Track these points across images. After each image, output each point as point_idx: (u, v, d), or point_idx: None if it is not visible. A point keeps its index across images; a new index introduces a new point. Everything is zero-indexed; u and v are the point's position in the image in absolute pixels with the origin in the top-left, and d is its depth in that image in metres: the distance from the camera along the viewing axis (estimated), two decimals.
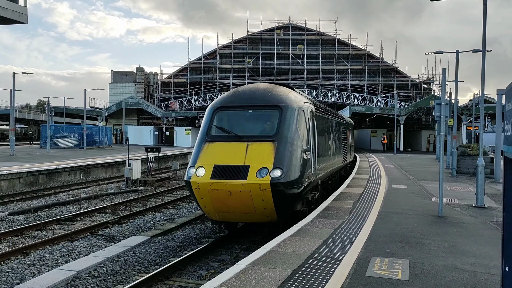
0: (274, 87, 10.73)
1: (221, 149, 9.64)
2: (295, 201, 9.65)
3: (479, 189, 11.81)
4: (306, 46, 65.39)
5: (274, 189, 8.88)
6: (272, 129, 9.79)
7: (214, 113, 10.38)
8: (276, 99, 10.09)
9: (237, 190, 8.99)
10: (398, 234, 8.10)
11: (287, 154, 9.31)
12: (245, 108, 10.22)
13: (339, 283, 5.37)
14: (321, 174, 12.16)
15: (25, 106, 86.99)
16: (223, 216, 9.71)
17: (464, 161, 22.12)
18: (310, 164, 10.29)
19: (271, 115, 9.98)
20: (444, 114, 10.42)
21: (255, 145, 9.44)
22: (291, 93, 10.67)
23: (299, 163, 9.51)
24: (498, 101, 19.08)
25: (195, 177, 9.40)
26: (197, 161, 9.62)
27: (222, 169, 9.24)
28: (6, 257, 9.58)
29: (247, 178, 8.93)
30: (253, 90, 10.56)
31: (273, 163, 9.06)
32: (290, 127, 9.68)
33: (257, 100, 10.21)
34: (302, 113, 10.29)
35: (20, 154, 31.52)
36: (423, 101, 49.26)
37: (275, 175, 8.93)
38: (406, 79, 64.94)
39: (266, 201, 9.04)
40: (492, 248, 7.29)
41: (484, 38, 13.13)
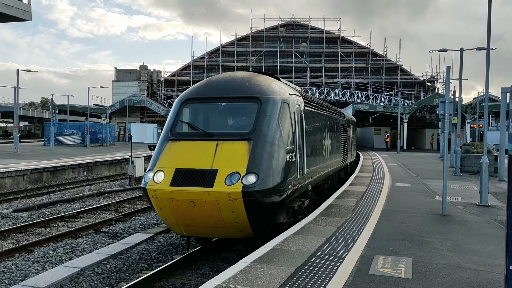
0: (254, 75, 9.25)
1: (186, 149, 8.23)
2: (275, 212, 8.20)
3: (483, 188, 11.77)
4: (310, 44, 65.28)
5: (246, 198, 7.43)
6: (248, 126, 8.32)
7: (182, 106, 8.94)
8: (255, 90, 8.61)
9: (202, 200, 7.57)
10: (402, 233, 8.09)
11: (265, 155, 7.86)
12: (218, 100, 8.78)
13: (342, 281, 5.36)
14: (312, 178, 10.72)
15: (29, 104, 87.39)
16: (189, 230, 8.28)
17: (468, 159, 22.05)
18: (295, 168, 8.81)
19: (248, 108, 8.53)
20: (448, 112, 10.38)
21: (226, 144, 8.01)
22: (274, 83, 9.18)
23: (280, 167, 8.05)
24: (502, 99, 19.02)
25: (152, 183, 7.97)
26: (156, 164, 8.20)
27: (184, 174, 7.81)
28: (10, 254, 9.63)
29: (214, 185, 7.51)
30: (228, 80, 9.05)
31: (246, 166, 7.63)
32: (270, 123, 8.24)
33: (232, 90, 8.70)
34: (287, 106, 8.83)
35: (24, 152, 31.64)
36: (426, 99, 49.13)
37: (249, 182, 7.49)
38: (409, 77, 64.75)
39: (237, 213, 7.60)
40: (496, 247, 7.26)
41: (489, 36, 13.06)
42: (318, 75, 65.16)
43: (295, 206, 9.29)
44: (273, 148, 8.05)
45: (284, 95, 8.94)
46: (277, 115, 8.39)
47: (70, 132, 44.72)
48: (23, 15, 17.45)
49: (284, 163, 8.20)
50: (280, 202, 8.13)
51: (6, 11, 16.36)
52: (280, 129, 8.37)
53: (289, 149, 8.51)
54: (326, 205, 10.79)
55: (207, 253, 9.37)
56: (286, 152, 8.36)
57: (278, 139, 8.21)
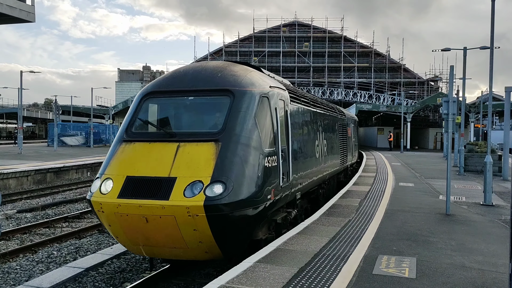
0: (229, 65, 8.03)
1: (142, 152, 6.93)
2: (250, 228, 6.96)
3: (487, 187, 11.74)
4: (312, 44, 65.29)
5: (210, 213, 6.15)
6: (217, 124, 7.05)
7: (142, 101, 7.68)
8: (228, 81, 7.36)
9: (156, 216, 6.29)
10: (405, 232, 8.08)
11: (236, 160, 6.59)
12: (184, 94, 7.47)
13: (346, 281, 5.36)
14: (301, 185, 9.48)
15: (32, 105, 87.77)
16: (148, 250, 6.99)
17: (471, 159, 21.99)
18: (277, 174, 7.54)
19: (219, 103, 7.26)
20: (452, 111, 10.36)
21: (189, 147, 6.73)
22: (253, 74, 7.88)
23: (255, 173, 6.75)
24: (506, 98, 18.96)
25: (98, 194, 6.71)
26: (106, 171, 6.95)
27: (136, 183, 6.54)
28: (15, 255, 9.67)
29: (170, 197, 6.24)
30: (198, 70, 7.77)
31: (211, 174, 6.35)
32: (244, 120, 6.97)
33: (201, 82, 7.42)
34: (266, 101, 7.55)
35: (28, 152, 31.77)
36: (430, 99, 49.03)
37: (214, 193, 6.22)
38: (413, 77, 64.65)
39: (200, 231, 6.31)
40: (500, 246, 7.24)
41: (492, 35, 13.01)
42: (321, 75, 65.15)
43: (277, 219, 8.03)
44: (247, 151, 6.79)
45: (264, 87, 7.68)
46: (253, 111, 7.13)
47: (73, 133, 44.90)
48: (27, 17, 17.54)
49: (261, 168, 6.92)
50: (256, 216, 6.83)
51: (10, 12, 16.45)
52: (257, 128, 7.09)
53: (268, 151, 7.23)
54: (329, 205, 10.79)
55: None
56: (264, 155, 7.08)
57: (253, 140, 6.94)
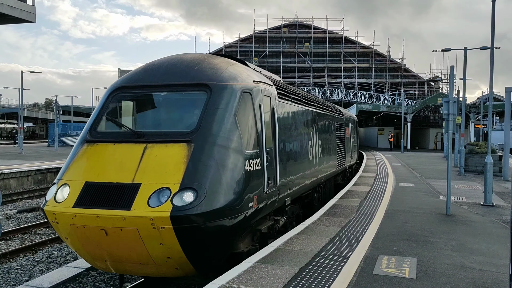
0: (208, 57, 7.29)
1: (104, 154, 6.22)
2: (228, 240, 6.25)
3: (487, 187, 11.73)
4: (313, 44, 65.33)
5: (178, 226, 5.40)
6: (191, 123, 6.31)
7: (110, 97, 6.95)
8: (205, 75, 6.64)
9: (116, 228, 5.54)
10: (406, 233, 8.08)
11: (211, 163, 5.87)
12: (156, 89, 6.74)
13: (346, 281, 5.36)
14: (291, 190, 8.75)
15: (33, 105, 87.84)
16: (115, 266, 6.14)
17: (472, 159, 21.99)
18: (261, 178, 6.82)
19: (195, 99, 6.54)
20: (452, 112, 10.35)
21: (157, 148, 6.01)
22: (234, 67, 7.16)
23: (235, 178, 6.06)
24: (506, 98, 18.97)
25: (52, 202, 6.03)
26: (64, 175, 6.26)
27: (96, 190, 5.81)
28: (15, 255, 9.68)
29: (132, 207, 5.49)
30: (173, 63, 7.03)
31: (181, 179, 5.62)
32: (222, 118, 6.26)
33: (176, 76, 6.70)
34: (249, 97, 6.83)
35: (28, 152, 31.79)
36: (430, 99, 49.04)
37: (184, 201, 5.48)
38: (413, 77, 64.67)
39: (168, 246, 5.56)
40: (501, 247, 7.24)
41: (493, 35, 13.02)
42: (321, 75, 65.18)
43: (262, 229, 7.29)
44: (224, 153, 6.06)
45: (246, 82, 6.96)
46: (233, 109, 6.42)
47: (74, 133, 44.91)
48: (27, 17, 17.55)
49: (241, 173, 6.18)
50: (235, 226, 6.11)
51: (10, 12, 16.47)
52: (237, 127, 6.37)
53: (250, 154, 6.48)
54: (330, 205, 10.79)
55: None
56: (245, 158, 6.33)
57: (232, 140, 6.23)
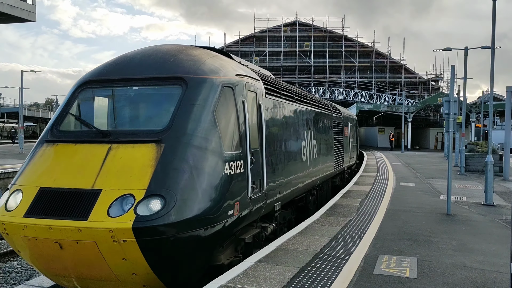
0: (186, 48, 6.62)
1: (64, 156, 5.56)
2: (203, 252, 5.59)
3: (488, 187, 11.73)
4: (313, 44, 65.34)
5: (142, 238, 4.75)
6: (162, 120, 5.66)
7: (76, 93, 6.32)
8: (182, 67, 6.02)
9: (71, 241, 4.84)
10: (406, 232, 8.07)
11: (183, 166, 5.23)
12: (127, 83, 6.06)
13: (346, 280, 5.36)
14: (282, 194, 8.22)
15: (33, 104, 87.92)
16: (80, 283, 5.39)
17: (472, 158, 21.99)
18: (244, 182, 6.25)
19: (169, 94, 5.91)
20: (453, 111, 10.35)
21: (123, 149, 5.39)
22: (215, 60, 6.53)
23: (211, 183, 5.43)
24: (507, 98, 18.97)
25: (2, 211, 5.26)
26: (18, 180, 5.57)
27: (51, 197, 5.10)
28: (15, 254, 9.68)
29: (90, 216, 4.82)
30: (148, 54, 6.41)
31: (147, 185, 4.98)
32: (198, 116, 5.63)
33: (150, 69, 6.07)
34: (231, 93, 6.23)
35: (29, 152, 31.79)
36: (431, 99, 49.03)
37: (150, 210, 4.83)
38: (414, 76, 64.67)
39: (132, 261, 4.89)
40: (501, 246, 7.24)
41: (494, 35, 13.01)
42: (321, 74, 65.18)
43: (246, 238, 6.69)
44: (199, 155, 5.43)
45: (228, 76, 6.33)
46: (211, 105, 5.79)
47: None
48: (28, 16, 17.56)
49: (219, 177, 5.57)
50: (212, 237, 5.46)
51: (11, 12, 16.48)
52: (216, 125, 5.75)
53: (230, 155, 5.88)
54: (330, 205, 10.79)
55: None
56: (225, 160, 5.73)
57: (209, 140, 5.61)
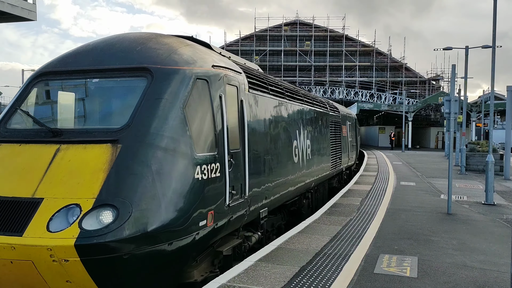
0: (156, 37, 5.85)
1: (6, 159, 4.88)
2: (170, 270, 4.87)
3: (488, 186, 11.72)
4: (314, 43, 65.34)
5: (88, 258, 4.05)
6: (121, 117, 4.95)
7: (30, 86, 5.62)
8: (148, 57, 5.29)
9: (5, 261, 4.18)
10: (407, 231, 8.07)
11: (143, 170, 4.53)
12: (87, 75, 5.33)
13: (347, 280, 5.36)
14: (269, 199, 7.53)
15: None
16: None
17: (473, 158, 21.98)
18: (221, 188, 5.52)
19: (132, 88, 5.17)
20: (453, 110, 10.34)
21: (73, 151, 4.70)
22: (188, 49, 5.75)
23: (177, 190, 4.70)
24: (508, 97, 18.95)
25: None
26: None
27: None
28: None
29: (26, 231, 4.13)
30: (112, 43, 5.67)
31: (97, 193, 4.28)
32: (164, 112, 4.89)
33: (112, 59, 5.35)
34: (205, 86, 5.49)
35: None
36: (431, 98, 49.00)
37: (99, 223, 4.11)
38: (414, 76, 64.65)
39: (77, 283, 4.20)
40: (502, 246, 7.23)
41: (494, 34, 13.00)
42: (322, 74, 65.15)
43: (224, 251, 6.01)
44: (163, 157, 4.69)
45: (203, 67, 5.58)
46: (181, 100, 5.04)
47: None
48: (28, 15, 17.56)
49: (188, 183, 4.83)
50: (180, 252, 4.76)
51: (11, 11, 16.49)
52: (186, 123, 5.01)
53: (203, 158, 5.15)
54: (330, 204, 10.80)
55: None
56: (196, 163, 4.99)
57: (176, 140, 4.86)
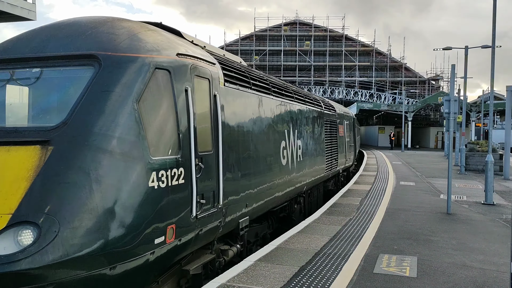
0: (112, 20, 5.06)
1: None
2: None
3: (488, 186, 11.72)
4: (313, 43, 65.33)
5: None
6: (57, 114, 4.27)
7: None
8: (98, 43, 4.55)
9: None
10: (406, 231, 8.07)
11: (78, 179, 3.82)
12: (27, 64, 4.61)
13: (346, 279, 5.36)
14: (251, 207, 6.77)
15: None
16: None
17: (472, 158, 21.98)
18: (185, 198, 4.70)
19: (76, 79, 4.45)
20: (453, 110, 10.34)
21: None
22: (149, 34, 4.93)
23: (124, 202, 3.98)
24: (507, 97, 18.96)
25: None
26: None
27: None
28: None
29: None
30: (61, 27, 4.91)
31: (16, 207, 3.60)
32: (111, 107, 4.16)
33: (57, 45, 4.61)
34: (167, 77, 4.68)
35: None
36: (431, 98, 49.00)
37: (17, 246, 3.49)
38: (414, 76, 64.67)
39: None
40: (501, 246, 7.24)
41: (494, 34, 13.00)
42: (322, 73, 65.15)
43: (191, 270, 5.28)
44: (105, 162, 3.94)
45: (165, 55, 4.75)
46: (133, 92, 4.27)
47: None
48: (28, 15, 17.54)
49: (140, 193, 4.10)
50: (130, 276, 4.14)
51: (11, 10, 16.46)
52: (139, 120, 4.23)
53: (160, 162, 4.36)
54: (330, 204, 10.80)
55: None
56: (151, 168, 4.22)
57: (125, 141, 4.09)
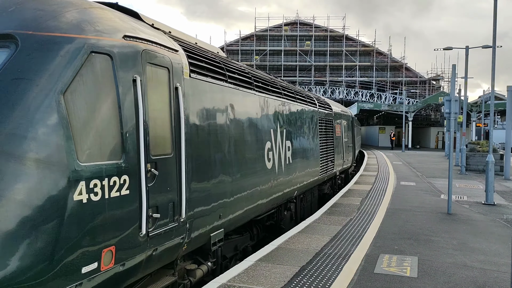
0: None
1: None
2: None
3: (488, 186, 11.72)
4: (314, 43, 65.33)
5: None
6: None
7: None
8: (18, 20, 3.65)
9: None
10: (407, 231, 8.07)
11: None
12: None
13: (347, 279, 5.36)
14: (226, 218, 6.10)
15: None
16: None
17: (473, 158, 21.97)
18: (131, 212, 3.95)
19: None
20: (454, 110, 10.34)
21: None
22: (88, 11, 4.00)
23: (38, 221, 3.10)
24: (508, 97, 18.95)
25: None
26: None
27: None
28: None
29: None
30: None
31: None
32: (24, 99, 3.28)
33: None
34: (107, 63, 3.86)
35: None
36: (432, 98, 48.98)
37: None
38: (414, 76, 64.65)
39: None
40: (502, 246, 7.24)
41: (495, 34, 13.00)
42: (322, 73, 65.15)
43: None
44: (10, 170, 3.12)
45: (106, 37, 3.92)
46: (58, 82, 3.46)
47: None
48: None
49: (62, 209, 3.28)
50: None
51: None
52: (64, 116, 3.42)
53: (93, 169, 3.58)
54: (330, 204, 10.80)
55: None
56: (77, 177, 3.41)
57: (44, 143, 3.29)
